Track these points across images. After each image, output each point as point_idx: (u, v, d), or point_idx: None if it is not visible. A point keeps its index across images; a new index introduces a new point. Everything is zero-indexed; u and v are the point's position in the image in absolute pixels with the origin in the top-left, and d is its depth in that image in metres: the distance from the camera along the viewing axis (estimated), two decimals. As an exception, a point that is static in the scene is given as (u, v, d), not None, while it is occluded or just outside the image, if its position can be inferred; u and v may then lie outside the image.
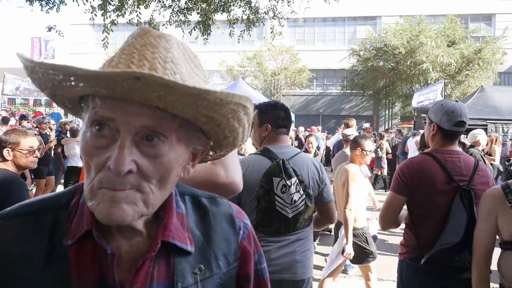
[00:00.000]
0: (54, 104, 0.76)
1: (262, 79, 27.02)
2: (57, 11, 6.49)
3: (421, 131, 10.62)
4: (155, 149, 0.63)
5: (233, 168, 1.35)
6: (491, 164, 6.83)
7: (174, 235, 0.73)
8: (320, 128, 16.87)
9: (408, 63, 21.70)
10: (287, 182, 2.22)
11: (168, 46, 0.66)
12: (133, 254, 0.71)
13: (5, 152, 2.84)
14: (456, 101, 2.37)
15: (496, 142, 7.47)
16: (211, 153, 0.84)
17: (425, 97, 13.71)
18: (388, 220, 2.37)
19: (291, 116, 2.51)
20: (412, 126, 14.78)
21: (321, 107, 29.28)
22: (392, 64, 23.25)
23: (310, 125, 18.11)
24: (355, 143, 3.90)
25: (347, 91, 27.50)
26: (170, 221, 0.74)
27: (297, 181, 2.25)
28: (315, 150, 6.08)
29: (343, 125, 7.04)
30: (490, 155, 7.15)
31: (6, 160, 2.86)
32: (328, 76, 30.06)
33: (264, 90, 26.20)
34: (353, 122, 6.74)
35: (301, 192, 2.25)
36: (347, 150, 5.46)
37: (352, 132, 5.79)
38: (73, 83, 0.61)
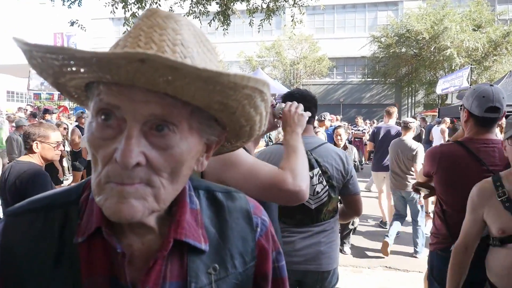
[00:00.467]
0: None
1: (281, 69, 26.84)
2: (79, 5, 6.56)
3: (446, 119, 10.34)
4: (165, 139, 0.59)
5: (302, 176, 1.30)
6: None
7: (187, 232, 0.69)
8: (340, 117, 16.66)
9: (432, 49, 21.11)
10: (309, 173, 2.18)
11: (178, 27, 0.61)
12: (145, 252, 0.68)
13: (34, 144, 2.88)
14: (491, 85, 2.20)
15: None
16: (227, 144, 0.80)
17: (450, 83, 13.34)
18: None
19: (312, 103, 2.42)
20: (436, 114, 14.42)
21: (341, 96, 28.92)
22: (415, 50, 22.67)
23: (330, 115, 17.91)
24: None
25: (368, 79, 27.05)
26: (183, 217, 0.69)
27: (320, 172, 2.21)
28: (345, 143, 5.88)
29: (385, 113, 6.88)
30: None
31: (32, 153, 2.90)
32: (348, 64, 29.59)
33: (283, 80, 26.04)
34: (394, 109, 6.63)
35: (324, 183, 2.21)
36: (406, 137, 5.38)
37: (412, 120, 5.60)
38: (73, 68, 0.57)
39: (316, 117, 5.26)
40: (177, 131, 0.59)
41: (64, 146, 6.35)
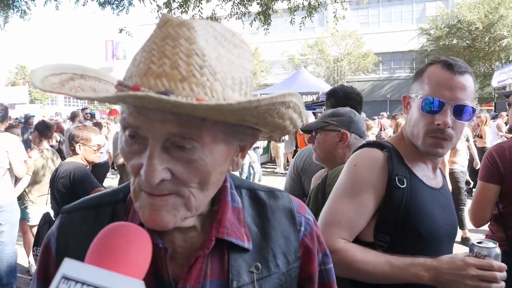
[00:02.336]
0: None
1: (324, 67, 26.45)
2: (126, 12, 6.87)
3: (504, 114, 9.67)
4: (188, 154, 0.59)
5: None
6: None
7: (229, 231, 0.69)
8: (386, 114, 16.13)
9: (486, 39, 19.87)
10: None
11: (191, 35, 0.58)
12: (188, 249, 0.69)
13: (77, 146, 3.13)
14: None
15: None
16: (265, 137, 0.79)
17: (508, 75, 12.49)
18: (482, 215, 2.10)
19: (357, 101, 2.32)
20: (492, 108, 13.55)
21: (388, 92, 27.97)
22: (467, 42, 21.44)
23: (377, 112, 17.39)
24: None
25: (417, 73, 25.97)
26: (224, 216, 0.70)
27: None
28: None
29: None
30: None
31: (76, 154, 3.14)
32: (395, 59, 28.56)
33: (327, 77, 25.64)
34: None
35: None
36: None
37: None
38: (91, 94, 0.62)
39: (364, 115, 5.10)
40: (198, 146, 0.59)
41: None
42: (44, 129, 4.60)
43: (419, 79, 1.36)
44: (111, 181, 9.30)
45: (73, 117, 8.76)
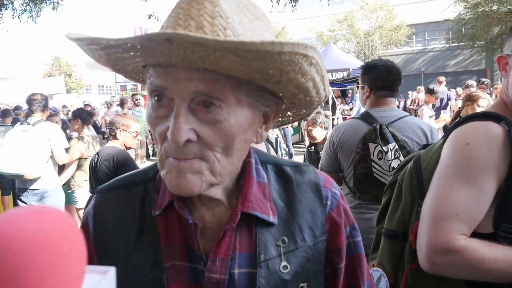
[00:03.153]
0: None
1: (354, 42, 25.72)
2: (153, -2, 6.90)
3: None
4: (213, 114, 0.60)
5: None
6: None
7: (254, 205, 0.71)
8: (422, 88, 15.53)
9: (530, 3, 18.57)
10: (383, 148, 2.08)
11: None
12: (216, 224, 0.71)
13: (117, 132, 3.38)
14: None
15: None
16: (288, 113, 0.79)
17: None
18: None
19: (397, 75, 2.27)
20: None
21: (422, 66, 26.93)
22: (509, 7, 20.11)
23: (412, 87, 16.79)
24: None
25: (453, 44, 24.74)
26: (249, 191, 0.71)
27: (397, 146, 2.09)
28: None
29: None
30: None
31: (116, 139, 3.40)
32: (429, 30, 27.31)
33: (357, 53, 24.96)
34: None
35: (401, 158, 2.07)
36: None
37: None
38: (118, 55, 0.61)
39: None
40: (223, 106, 0.60)
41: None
42: (86, 116, 4.83)
43: None
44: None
45: (122, 103, 9.51)
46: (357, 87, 8.32)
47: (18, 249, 0.27)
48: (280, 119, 0.84)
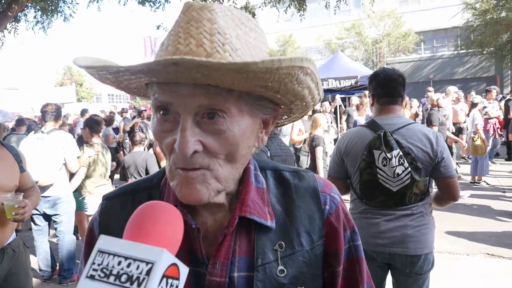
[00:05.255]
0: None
1: (362, 49, 25.71)
2: (162, 9, 7.05)
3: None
4: (217, 125, 0.63)
5: None
6: None
7: (252, 210, 0.72)
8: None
9: (539, 10, 18.41)
10: (387, 154, 2.12)
11: (212, 16, 0.64)
12: (218, 228, 0.73)
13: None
14: None
15: None
16: (284, 117, 0.82)
17: None
18: None
19: (398, 82, 2.29)
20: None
21: (431, 73, 26.77)
22: (518, 14, 19.97)
23: (420, 94, 16.73)
24: None
25: (462, 51, 24.59)
26: (247, 196, 0.73)
27: (401, 153, 2.12)
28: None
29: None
30: None
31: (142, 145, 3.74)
32: (438, 37, 27.21)
33: (365, 60, 24.94)
34: None
35: (406, 165, 2.11)
36: None
37: None
38: (125, 77, 0.65)
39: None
40: (227, 117, 0.63)
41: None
42: (94, 125, 4.88)
43: None
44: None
45: (139, 112, 10.92)
46: (365, 95, 8.31)
47: (159, 206, 0.61)
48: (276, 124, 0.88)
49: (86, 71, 0.67)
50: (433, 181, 2.29)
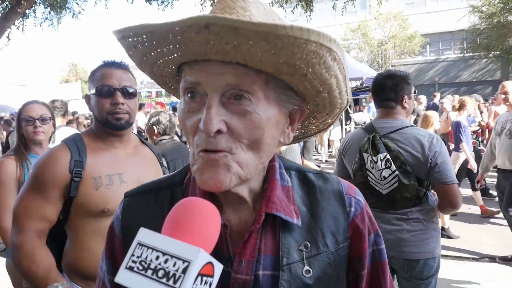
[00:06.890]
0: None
1: (368, 51, 25.68)
2: (171, 7, 7.07)
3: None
4: (243, 106, 0.63)
5: None
6: None
7: (278, 207, 0.72)
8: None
9: (547, 14, 18.33)
10: (373, 157, 2.16)
11: (245, 5, 0.66)
12: (242, 226, 0.73)
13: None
14: None
15: None
16: (313, 120, 0.82)
17: None
18: None
19: (390, 86, 2.27)
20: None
21: (436, 75, 26.70)
22: (525, 17, 19.88)
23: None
24: None
25: (468, 54, 24.50)
26: (273, 193, 0.73)
27: (388, 157, 2.13)
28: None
29: None
30: None
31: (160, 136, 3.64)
32: (443, 39, 27.13)
33: (371, 62, 24.90)
34: None
35: (393, 168, 2.11)
36: None
37: None
38: (158, 50, 0.65)
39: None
40: (253, 99, 0.63)
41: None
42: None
43: None
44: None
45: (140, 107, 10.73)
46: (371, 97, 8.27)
47: (198, 203, 0.62)
48: (303, 131, 0.86)
49: (123, 43, 0.67)
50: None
